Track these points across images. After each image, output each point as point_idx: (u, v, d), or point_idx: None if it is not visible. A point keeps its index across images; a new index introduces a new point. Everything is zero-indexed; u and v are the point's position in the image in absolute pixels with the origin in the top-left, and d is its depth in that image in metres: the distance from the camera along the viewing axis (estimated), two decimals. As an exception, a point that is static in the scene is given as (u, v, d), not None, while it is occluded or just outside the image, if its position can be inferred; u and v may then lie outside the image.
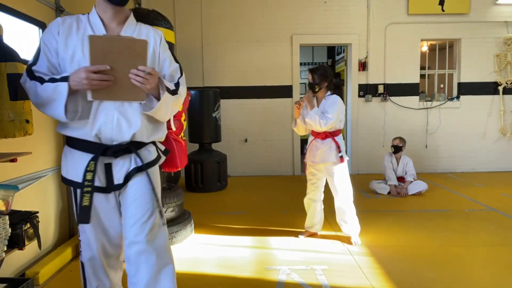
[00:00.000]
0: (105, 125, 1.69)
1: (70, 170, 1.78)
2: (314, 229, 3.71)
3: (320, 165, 3.44)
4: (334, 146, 3.37)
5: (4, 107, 2.17)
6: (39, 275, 2.74)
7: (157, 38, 1.86)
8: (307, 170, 3.57)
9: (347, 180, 3.48)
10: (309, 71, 3.46)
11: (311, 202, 3.64)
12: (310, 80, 3.41)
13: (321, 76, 3.37)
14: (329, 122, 3.25)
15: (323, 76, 3.38)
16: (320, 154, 3.40)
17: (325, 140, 3.38)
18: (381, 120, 6.88)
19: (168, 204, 3.34)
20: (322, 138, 3.40)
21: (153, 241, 1.76)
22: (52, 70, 1.69)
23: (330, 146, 3.37)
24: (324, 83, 3.39)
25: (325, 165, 3.41)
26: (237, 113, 6.83)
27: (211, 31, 6.71)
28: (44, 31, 1.75)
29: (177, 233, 3.32)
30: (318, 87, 3.38)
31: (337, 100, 3.34)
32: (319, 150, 3.39)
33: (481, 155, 6.99)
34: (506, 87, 6.83)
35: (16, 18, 2.85)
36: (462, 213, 4.41)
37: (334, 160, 3.36)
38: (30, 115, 2.33)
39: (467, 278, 2.78)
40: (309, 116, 3.30)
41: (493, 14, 6.72)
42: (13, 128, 2.22)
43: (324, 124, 3.25)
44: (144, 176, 1.79)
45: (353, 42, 6.79)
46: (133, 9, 3.37)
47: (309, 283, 2.70)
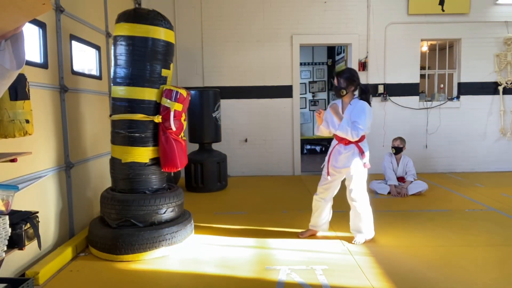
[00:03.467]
0: None
1: None
2: (320, 228, 3.66)
3: (341, 169, 3.40)
4: (357, 151, 3.31)
5: (4, 107, 2.17)
6: (39, 275, 2.73)
7: None
8: (328, 174, 3.47)
9: (364, 184, 3.42)
10: (334, 75, 3.37)
11: (321, 202, 3.58)
12: (336, 84, 3.31)
13: (347, 80, 3.28)
14: (360, 133, 3.19)
15: (349, 80, 3.28)
16: (342, 159, 3.36)
17: (348, 146, 3.33)
18: (381, 120, 6.87)
19: (168, 204, 3.34)
20: (345, 144, 3.35)
21: None
22: None
23: (353, 151, 3.32)
24: (351, 87, 3.30)
25: (346, 170, 3.37)
26: (237, 113, 6.83)
27: (211, 31, 6.71)
28: None
29: (177, 233, 3.32)
30: (344, 91, 3.29)
31: (365, 107, 3.24)
32: (342, 155, 3.36)
33: (481, 155, 6.99)
34: (506, 87, 6.83)
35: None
36: (462, 213, 4.41)
37: (357, 166, 3.32)
38: (30, 115, 2.33)
39: (467, 278, 2.78)
40: (340, 128, 3.23)
41: (493, 14, 6.72)
42: (13, 128, 2.22)
43: (356, 135, 3.19)
44: None
45: (353, 42, 6.79)
46: (133, 9, 3.36)
47: (309, 283, 2.70)
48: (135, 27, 3.22)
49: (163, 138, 3.33)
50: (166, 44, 3.35)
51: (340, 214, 4.43)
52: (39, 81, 3.12)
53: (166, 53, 3.37)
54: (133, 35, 3.23)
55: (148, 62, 3.27)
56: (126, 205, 3.23)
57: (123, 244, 3.13)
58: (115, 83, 3.36)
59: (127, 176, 3.35)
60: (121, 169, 3.37)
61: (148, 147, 3.35)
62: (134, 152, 3.32)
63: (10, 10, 1.17)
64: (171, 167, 3.40)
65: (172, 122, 3.28)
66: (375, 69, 6.80)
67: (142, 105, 3.28)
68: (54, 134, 3.35)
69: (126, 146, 3.33)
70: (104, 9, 4.60)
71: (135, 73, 3.26)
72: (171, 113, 3.27)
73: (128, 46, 3.24)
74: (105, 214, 3.35)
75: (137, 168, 3.34)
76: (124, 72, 3.28)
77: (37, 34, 3.19)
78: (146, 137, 3.33)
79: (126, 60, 3.26)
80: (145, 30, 3.22)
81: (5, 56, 1.21)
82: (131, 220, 3.22)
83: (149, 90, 3.30)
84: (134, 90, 3.27)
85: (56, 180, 3.36)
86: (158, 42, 3.28)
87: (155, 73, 3.32)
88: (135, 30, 3.22)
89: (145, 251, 3.17)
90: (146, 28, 3.22)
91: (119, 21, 3.31)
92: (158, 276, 2.91)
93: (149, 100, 3.30)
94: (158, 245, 3.21)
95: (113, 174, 3.47)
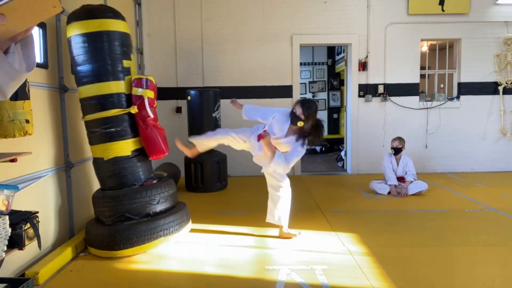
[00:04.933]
0: None
1: None
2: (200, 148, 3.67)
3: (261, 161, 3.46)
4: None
5: (4, 107, 2.17)
6: (39, 275, 2.73)
7: None
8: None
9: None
10: (298, 103, 3.23)
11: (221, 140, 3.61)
12: (299, 114, 3.17)
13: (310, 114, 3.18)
14: (289, 169, 3.24)
15: (311, 115, 3.19)
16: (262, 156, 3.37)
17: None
18: (381, 120, 6.87)
19: (160, 194, 3.34)
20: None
21: None
22: None
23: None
24: (308, 123, 3.22)
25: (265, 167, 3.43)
26: (237, 113, 6.80)
27: (211, 31, 6.70)
28: None
29: (174, 222, 3.31)
30: (302, 123, 3.19)
31: (300, 149, 3.22)
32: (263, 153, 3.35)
33: (481, 155, 6.98)
34: (506, 87, 6.83)
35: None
36: (462, 213, 4.41)
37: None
38: (30, 115, 2.33)
39: (467, 278, 2.78)
40: (275, 162, 3.10)
41: (493, 14, 6.72)
42: (13, 128, 2.22)
43: (286, 170, 3.24)
44: None
45: (353, 42, 6.79)
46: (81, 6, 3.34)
47: (309, 283, 2.70)
48: (87, 24, 3.22)
49: (143, 126, 3.32)
50: (122, 35, 3.36)
51: (340, 214, 4.43)
52: (39, 81, 3.12)
53: (123, 44, 3.38)
54: (87, 31, 3.22)
55: (108, 56, 3.27)
56: (118, 200, 3.23)
57: (121, 239, 3.12)
58: (80, 83, 3.34)
59: (113, 173, 3.35)
60: (105, 167, 3.37)
61: (127, 140, 3.36)
62: (115, 147, 3.32)
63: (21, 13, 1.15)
64: (158, 154, 3.39)
65: (148, 109, 3.29)
66: (375, 69, 6.80)
67: (112, 99, 3.29)
68: (54, 134, 3.35)
69: (105, 143, 3.33)
70: (104, 9, 4.59)
71: (97, 69, 3.26)
72: (146, 100, 3.27)
73: (84, 44, 3.24)
74: (99, 213, 3.35)
75: (120, 162, 3.34)
76: (86, 70, 3.27)
77: (37, 34, 3.19)
78: (122, 130, 3.34)
79: (86, 58, 3.25)
80: (98, 25, 3.23)
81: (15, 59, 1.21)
82: (126, 215, 3.22)
83: (115, 83, 3.30)
84: (100, 86, 3.27)
85: (56, 180, 3.36)
86: (113, 35, 3.29)
87: (117, 65, 3.32)
88: (88, 27, 3.22)
89: (143, 244, 3.18)
90: (99, 22, 3.23)
91: (70, 21, 3.31)
92: (157, 276, 2.91)
93: (118, 93, 3.32)
94: (156, 236, 3.21)
95: (99, 175, 3.48)
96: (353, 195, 5.30)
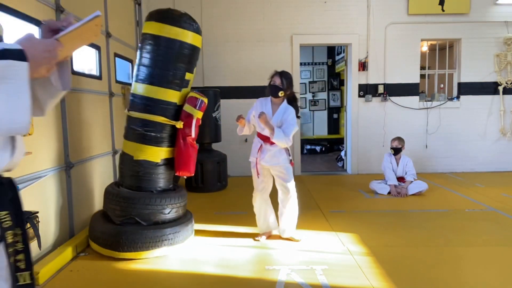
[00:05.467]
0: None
1: None
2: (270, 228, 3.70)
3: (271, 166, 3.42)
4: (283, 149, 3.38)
5: (4, 107, 2.17)
6: (39, 275, 2.73)
7: None
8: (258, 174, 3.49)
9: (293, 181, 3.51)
10: (276, 73, 3.37)
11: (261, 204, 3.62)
12: (278, 84, 3.30)
13: (288, 83, 3.32)
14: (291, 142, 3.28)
15: (290, 83, 3.34)
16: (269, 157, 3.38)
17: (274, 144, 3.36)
18: (381, 120, 6.87)
19: (173, 205, 3.35)
20: (271, 144, 3.38)
21: None
22: None
23: (279, 148, 3.37)
24: (288, 91, 3.34)
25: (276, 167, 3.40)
26: (237, 113, 6.75)
27: (211, 31, 6.70)
28: None
29: (179, 233, 3.32)
30: (283, 93, 3.32)
31: (294, 116, 3.30)
32: (269, 153, 3.39)
33: (481, 155, 6.98)
34: (506, 87, 6.83)
35: (16, 18, 2.85)
36: (462, 213, 4.41)
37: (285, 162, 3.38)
38: (30, 115, 2.33)
39: (467, 278, 2.78)
40: (276, 138, 3.22)
41: (493, 14, 6.72)
42: (13, 128, 2.22)
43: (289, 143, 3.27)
44: None
45: (353, 42, 6.79)
46: (167, 9, 3.33)
47: (309, 283, 2.70)
48: (164, 28, 3.22)
49: (182, 143, 3.33)
50: (193, 48, 3.36)
51: (340, 214, 4.43)
52: (39, 81, 3.11)
53: (192, 57, 3.39)
54: (161, 35, 3.23)
55: (173, 64, 3.27)
56: (132, 203, 3.23)
57: (126, 241, 3.12)
58: (137, 80, 3.35)
59: (137, 173, 3.34)
60: (131, 166, 3.36)
61: (161, 147, 3.35)
62: (147, 151, 3.32)
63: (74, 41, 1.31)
64: (185, 172, 3.41)
65: (193, 129, 3.30)
66: (375, 69, 6.80)
67: (162, 106, 3.28)
68: (54, 134, 3.35)
69: (140, 144, 3.32)
70: (104, 9, 4.59)
71: (158, 73, 3.26)
72: (193, 120, 3.29)
73: (154, 46, 3.25)
74: (109, 209, 3.34)
75: (147, 166, 3.34)
76: (147, 70, 3.28)
77: (37, 34, 3.19)
78: (161, 137, 3.33)
79: (151, 58, 3.26)
80: (174, 32, 3.22)
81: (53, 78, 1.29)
82: (136, 218, 3.22)
83: (171, 92, 3.30)
84: (156, 89, 3.27)
85: (56, 180, 3.36)
86: (185, 45, 3.28)
87: (178, 76, 3.32)
88: (164, 31, 3.22)
89: (147, 250, 3.17)
90: (175, 30, 3.23)
91: (150, 19, 3.31)
92: (158, 276, 2.91)
93: (169, 101, 3.31)
94: (160, 245, 3.21)
95: (121, 170, 3.47)
96: (353, 195, 5.30)
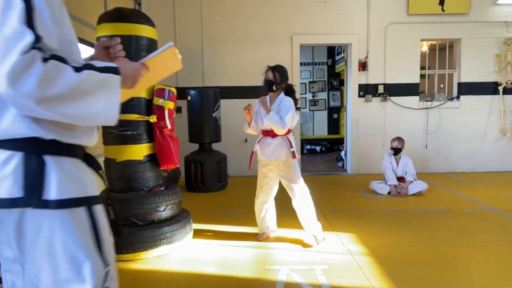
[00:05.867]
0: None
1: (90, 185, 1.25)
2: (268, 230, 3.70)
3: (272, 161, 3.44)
4: (285, 141, 3.37)
5: (4, 107, 2.17)
6: (39, 275, 2.73)
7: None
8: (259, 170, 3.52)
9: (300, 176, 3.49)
10: (269, 68, 3.43)
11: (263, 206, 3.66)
12: (271, 78, 3.38)
13: (282, 76, 3.38)
14: (287, 125, 3.26)
15: (284, 76, 3.40)
16: (271, 150, 3.39)
17: (276, 137, 3.39)
18: (381, 120, 6.87)
19: (167, 202, 3.34)
20: (272, 136, 3.40)
21: None
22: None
23: (281, 142, 3.37)
24: (283, 84, 3.40)
25: (277, 162, 3.41)
26: (237, 113, 6.82)
27: (211, 31, 6.70)
28: None
29: (177, 231, 3.32)
30: (277, 86, 3.37)
31: (291, 103, 3.33)
32: (270, 147, 3.39)
33: (481, 155, 6.98)
34: (506, 87, 6.83)
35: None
36: (462, 213, 4.41)
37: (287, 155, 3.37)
38: (30, 115, 2.33)
39: (467, 278, 2.78)
40: (269, 118, 3.25)
41: (493, 14, 6.72)
42: (13, 128, 2.21)
43: (282, 126, 3.24)
44: None
45: (353, 42, 6.79)
46: (114, 9, 3.35)
47: (309, 283, 2.70)
48: (117, 27, 3.23)
49: (159, 137, 3.35)
50: (149, 41, 3.37)
51: (340, 214, 4.43)
52: (39, 81, 3.11)
53: (150, 50, 3.38)
54: (115, 34, 3.22)
55: (133, 60, 3.25)
56: (125, 204, 3.23)
57: (124, 243, 3.12)
58: None
59: (123, 175, 3.35)
60: (116, 169, 3.37)
61: (141, 144, 3.36)
62: (128, 150, 3.32)
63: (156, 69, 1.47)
64: (169, 165, 3.42)
65: (167, 121, 3.30)
66: (375, 69, 6.80)
67: (132, 103, 3.28)
68: (54, 134, 3.34)
69: (119, 145, 3.33)
70: (104, 9, 4.60)
71: None
72: (166, 112, 3.29)
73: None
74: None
75: (132, 166, 3.34)
76: None
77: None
78: (138, 135, 3.34)
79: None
80: (127, 29, 3.24)
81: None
82: (131, 219, 3.22)
83: None
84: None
85: (56, 180, 3.35)
86: (141, 40, 3.30)
87: None
88: (118, 29, 3.23)
89: (146, 250, 3.17)
90: (129, 26, 3.24)
91: (101, 22, 3.32)
92: (158, 276, 2.91)
93: (138, 97, 3.32)
94: (158, 244, 3.20)
95: (108, 175, 3.47)
96: (353, 195, 5.30)
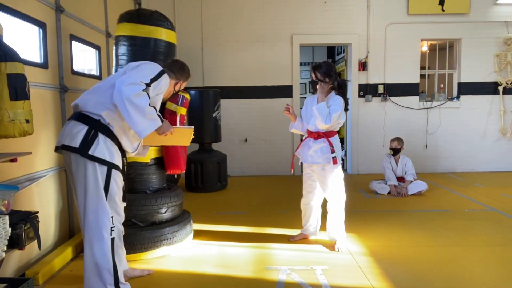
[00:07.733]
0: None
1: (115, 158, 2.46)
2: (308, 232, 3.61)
3: (312, 166, 3.37)
4: (326, 145, 3.26)
5: (4, 107, 2.17)
6: (39, 275, 2.73)
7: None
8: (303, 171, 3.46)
9: (340, 183, 3.35)
10: (312, 69, 3.32)
11: (306, 206, 3.56)
12: (313, 78, 3.30)
13: (324, 74, 3.26)
14: (332, 120, 3.16)
15: (326, 74, 3.26)
16: (311, 153, 3.31)
17: (318, 140, 3.30)
18: (381, 120, 6.87)
19: (169, 204, 3.35)
20: (315, 138, 3.32)
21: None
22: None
23: (322, 146, 3.27)
24: (327, 80, 3.26)
25: (317, 166, 3.32)
26: (237, 113, 6.83)
27: (211, 31, 6.70)
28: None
29: (178, 232, 3.32)
30: (321, 84, 3.29)
31: (340, 101, 3.22)
32: (311, 149, 3.32)
33: (481, 155, 6.98)
34: (506, 87, 6.83)
35: (16, 18, 2.85)
36: (462, 213, 4.41)
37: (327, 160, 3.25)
38: (30, 115, 2.32)
39: (467, 278, 2.78)
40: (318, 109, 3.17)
41: (493, 14, 6.72)
42: (13, 128, 2.21)
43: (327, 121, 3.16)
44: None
45: (353, 42, 6.79)
46: (136, 9, 3.36)
47: (309, 283, 2.70)
48: (137, 27, 3.22)
49: None
50: (168, 44, 3.35)
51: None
52: (39, 81, 3.11)
53: (168, 54, 3.38)
54: (135, 35, 3.23)
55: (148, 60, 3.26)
56: (127, 205, 3.22)
57: (125, 243, 3.11)
58: None
59: (128, 176, 3.34)
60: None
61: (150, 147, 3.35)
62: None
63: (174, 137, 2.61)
64: (176, 170, 3.41)
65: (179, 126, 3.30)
66: (375, 69, 6.80)
67: None
68: (54, 134, 3.34)
69: None
70: (104, 9, 4.59)
71: None
72: (178, 117, 3.28)
73: (130, 46, 3.24)
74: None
75: (138, 168, 3.34)
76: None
77: (37, 34, 3.19)
78: None
79: (128, 60, 3.25)
80: (147, 31, 3.22)
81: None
82: (132, 220, 3.22)
83: None
84: None
85: (56, 180, 3.36)
86: (160, 43, 3.28)
87: None
88: (137, 31, 3.22)
89: (146, 251, 3.17)
90: (148, 28, 3.22)
91: (121, 21, 3.31)
92: (158, 275, 2.91)
93: None
94: (159, 245, 3.21)
95: None
96: (353, 195, 5.29)
